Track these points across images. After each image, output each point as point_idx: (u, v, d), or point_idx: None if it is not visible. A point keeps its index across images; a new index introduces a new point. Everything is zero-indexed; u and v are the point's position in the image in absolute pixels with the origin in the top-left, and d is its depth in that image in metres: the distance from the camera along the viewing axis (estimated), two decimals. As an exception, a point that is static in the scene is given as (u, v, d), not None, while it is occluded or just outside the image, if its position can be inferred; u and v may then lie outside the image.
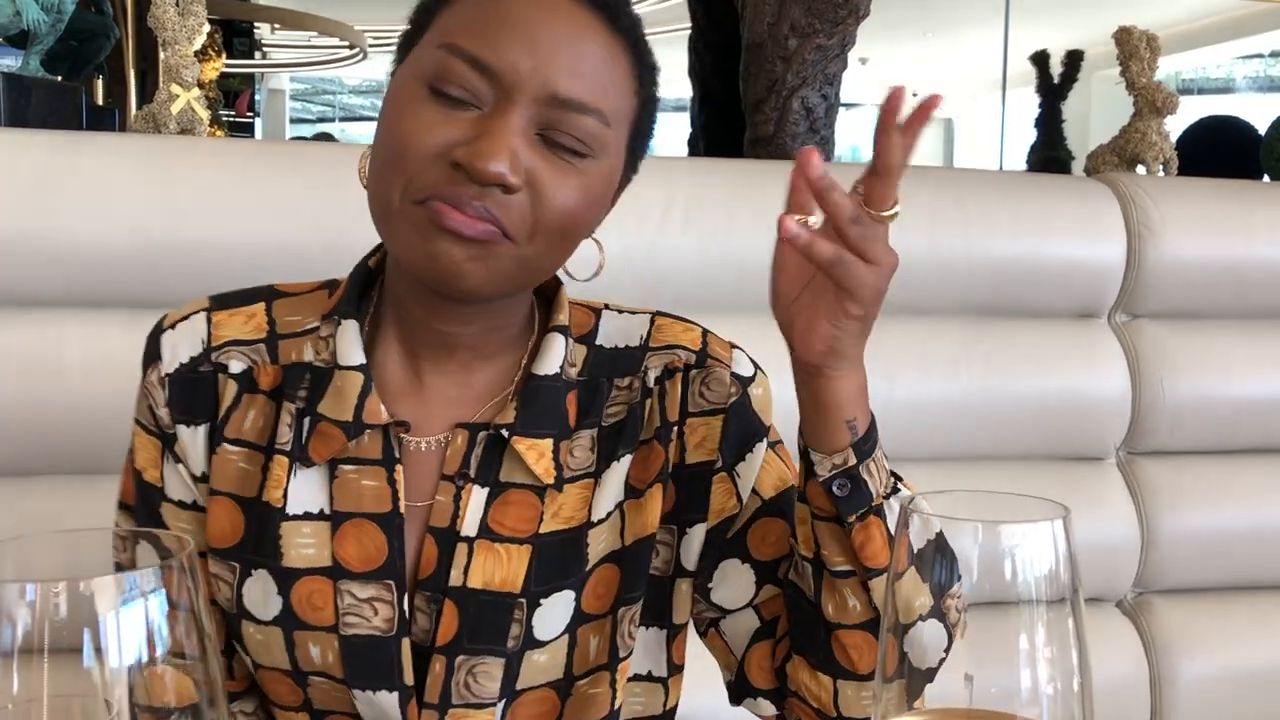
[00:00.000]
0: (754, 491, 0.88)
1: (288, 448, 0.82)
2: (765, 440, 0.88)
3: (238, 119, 9.29)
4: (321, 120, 17.56)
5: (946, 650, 0.55)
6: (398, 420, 0.83)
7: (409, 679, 0.82)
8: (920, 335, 1.54)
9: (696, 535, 0.88)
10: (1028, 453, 1.57)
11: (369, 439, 0.82)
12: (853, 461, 0.78)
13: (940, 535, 0.54)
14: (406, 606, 0.82)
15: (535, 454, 0.83)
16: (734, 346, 0.90)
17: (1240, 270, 1.64)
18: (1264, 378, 1.64)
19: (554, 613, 0.83)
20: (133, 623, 0.47)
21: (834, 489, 0.78)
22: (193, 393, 0.84)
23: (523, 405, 0.83)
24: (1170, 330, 1.64)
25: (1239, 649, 1.58)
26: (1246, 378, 1.63)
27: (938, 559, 0.53)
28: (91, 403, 1.26)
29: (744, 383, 0.88)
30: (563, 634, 0.84)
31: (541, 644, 0.83)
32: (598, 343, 0.89)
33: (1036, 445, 1.58)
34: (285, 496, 0.82)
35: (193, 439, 0.85)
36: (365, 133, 15.28)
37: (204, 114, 2.40)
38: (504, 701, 0.83)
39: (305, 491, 0.82)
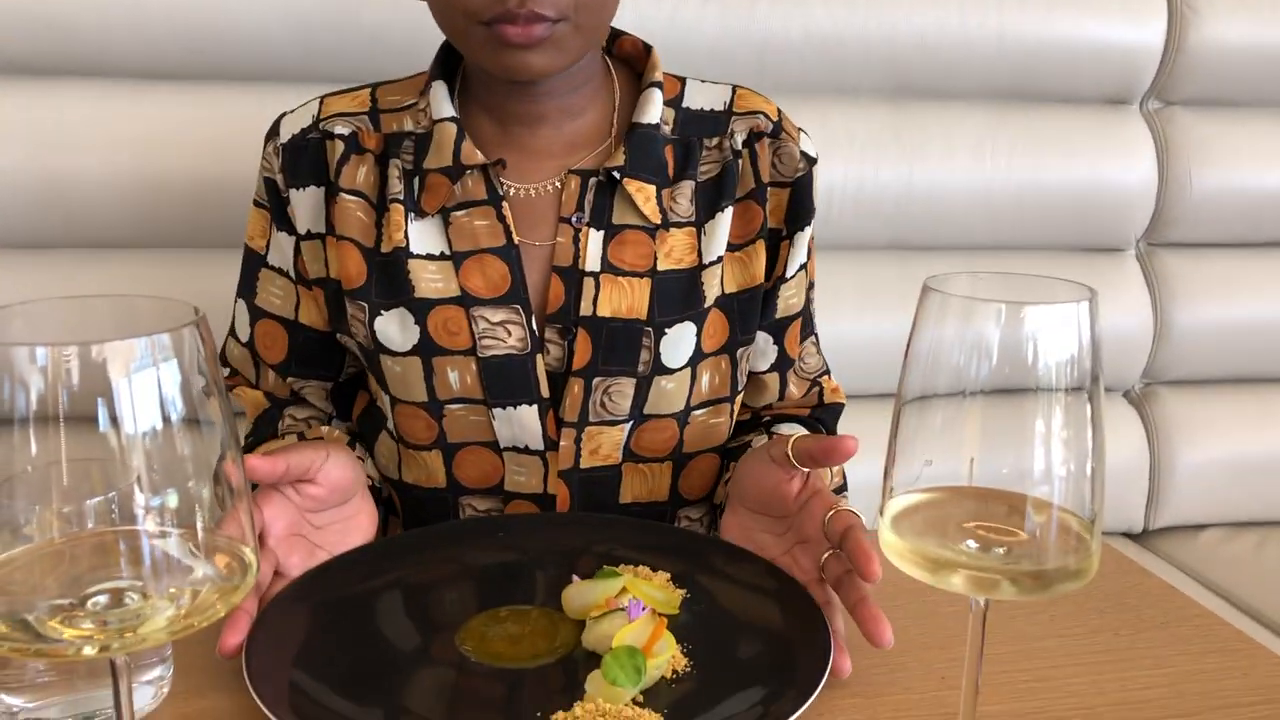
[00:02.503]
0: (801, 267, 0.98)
1: (400, 197, 0.90)
2: (811, 225, 0.98)
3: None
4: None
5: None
6: (495, 161, 0.90)
7: (546, 393, 0.90)
8: (944, 120, 1.49)
9: (762, 296, 0.98)
10: (1047, 242, 1.55)
11: (472, 183, 0.90)
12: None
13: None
14: (538, 331, 0.90)
15: (643, 196, 0.91)
16: (799, 129, 0.98)
17: (1285, 54, 1.57)
18: (1296, 170, 1.59)
19: (678, 342, 0.92)
20: (147, 388, 0.46)
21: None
22: (303, 157, 0.93)
23: (629, 150, 0.90)
24: (1204, 118, 1.58)
25: (1239, 438, 1.60)
26: (1278, 169, 1.59)
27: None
28: (102, 175, 1.24)
29: (810, 161, 0.96)
30: (686, 365, 0.92)
31: (669, 371, 0.92)
32: (684, 105, 0.96)
33: (1057, 235, 1.55)
34: (407, 238, 0.90)
35: (301, 200, 0.93)
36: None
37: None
38: (632, 423, 0.92)
39: (425, 237, 0.90)
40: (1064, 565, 0.52)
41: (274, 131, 0.95)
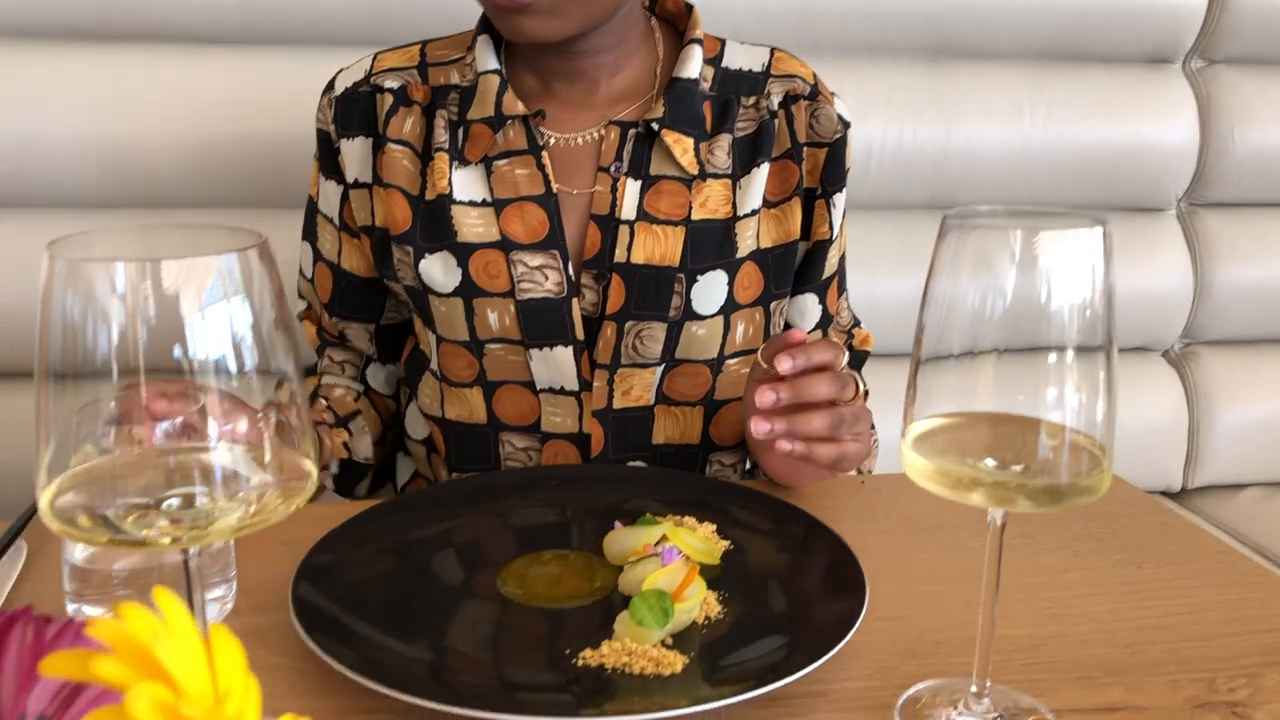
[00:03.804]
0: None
1: (445, 146, 0.95)
2: (845, 187, 1.01)
3: None
4: None
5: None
6: (535, 111, 0.94)
7: (580, 336, 0.94)
8: (983, 79, 1.50)
9: (798, 251, 1.02)
10: (1087, 202, 1.55)
11: (513, 133, 0.94)
12: None
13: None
14: (574, 277, 0.93)
15: (681, 148, 0.94)
16: (834, 93, 1.01)
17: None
18: (1341, 127, 1.58)
19: (710, 290, 0.95)
20: (216, 307, 0.50)
21: None
22: (354, 109, 0.98)
23: (669, 103, 0.94)
24: (1248, 77, 1.58)
25: (1278, 397, 1.60)
26: (1322, 127, 1.58)
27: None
28: (161, 138, 1.29)
29: (845, 125, 1.00)
30: (718, 313, 0.96)
31: (700, 317, 0.95)
32: (724, 65, 0.99)
33: (1096, 194, 1.55)
34: (451, 185, 0.94)
35: (351, 149, 0.98)
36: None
37: None
38: (663, 366, 0.96)
39: (468, 184, 0.94)
40: (1076, 480, 0.55)
41: (330, 85, 1.00)
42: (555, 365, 0.94)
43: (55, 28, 1.29)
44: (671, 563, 0.70)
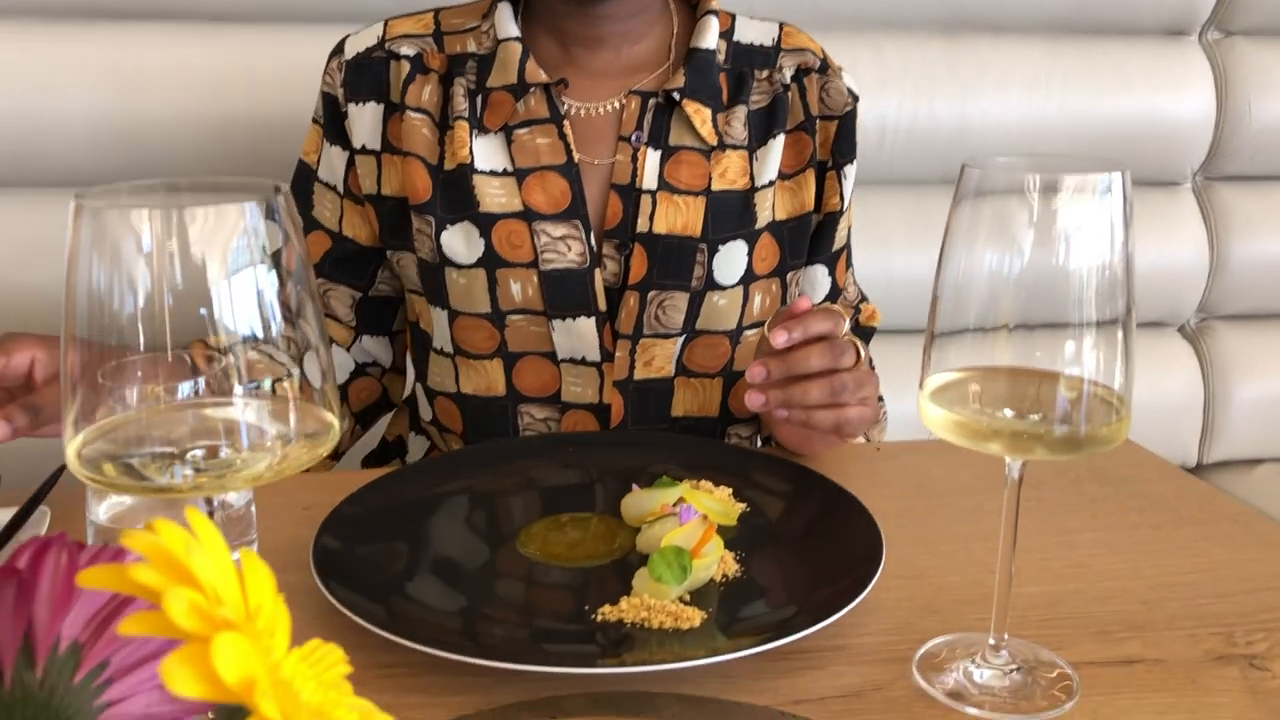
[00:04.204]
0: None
1: (465, 114, 0.94)
2: (855, 160, 1.02)
3: None
4: None
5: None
6: (557, 80, 0.94)
7: (603, 306, 0.94)
8: (998, 53, 1.49)
9: (811, 223, 1.02)
10: (1102, 176, 1.55)
11: (535, 101, 0.95)
12: None
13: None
14: (596, 247, 0.93)
15: (700, 119, 0.95)
16: (842, 67, 1.02)
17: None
18: (1359, 100, 1.57)
19: (731, 260, 0.96)
20: (240, 261, 0.50)
21: None
22: (365, 75, 0.97)
23: (689, 73, 0.95)
24: (1266, 48, 1.57)
25: (1297, 372, 1.60)
26: (1340, 100, 1.57)
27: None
28: (175, 114, 1.30)
29: (854, 97, 1.01)
30: (738, 283, 0.96)
31: (721, 288, 0.96)
32: (735, 39, 1.00)
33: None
34: (472, 154, 0.94)
35: (360, 115, 0.97)
36: None
37: None
38: (684, 337, 0.96)
39: (489, 154, 0.94)
40: (1094, 429, 0.55)
41: (338, 49, 0.99)
42: (578, 335, 0.95)
43: (66, 6, 1.29)
44: (689, 521, 0.70)
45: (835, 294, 1.07)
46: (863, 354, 0.85)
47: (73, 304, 0.49)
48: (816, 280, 1.05)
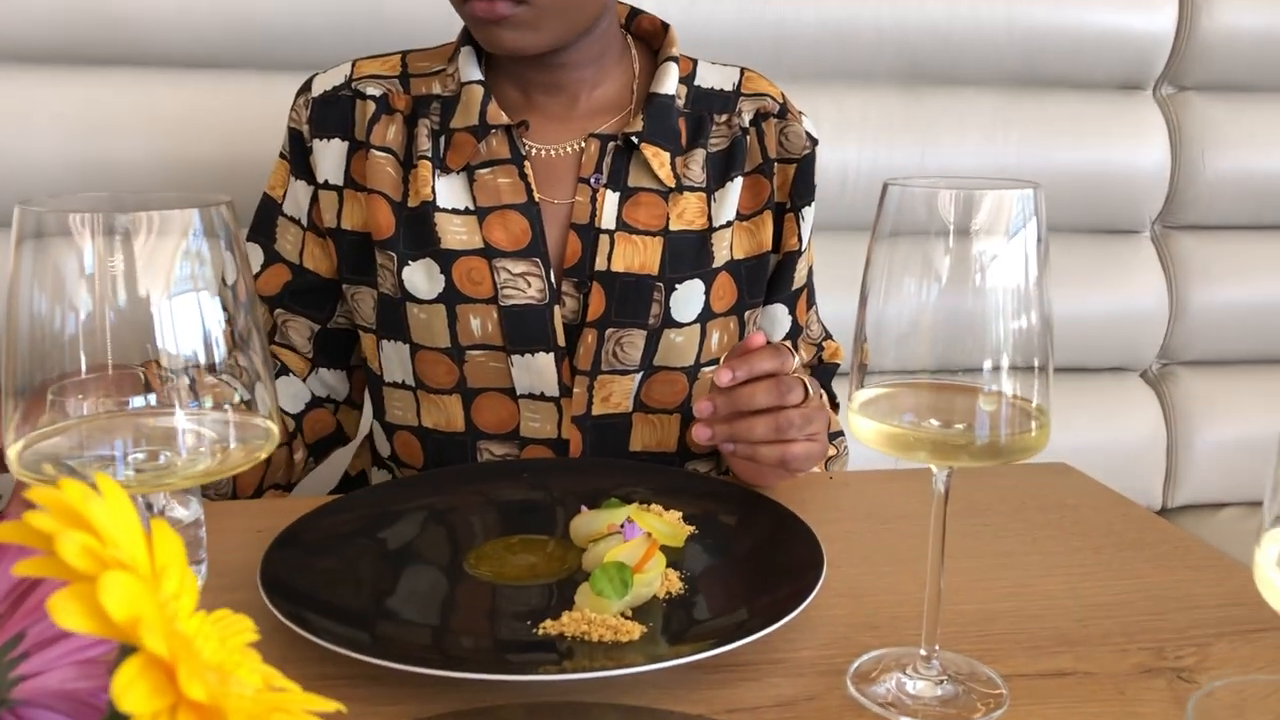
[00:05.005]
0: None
1: (429, 154, 0.97)
2: (813, 201, 1.04)
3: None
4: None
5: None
6: (518, 122, 0.98)
7: (562, 342, 0.96)
8: (956, 105, 1.53)
9: (770, 263, 1.05)
10: (1061, 224, 1.58)
11: (496, 142, 0.97)
12: None
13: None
14: (555, 284, 0.96)
15: (658, 161, 0.98)
16: (801, 112, 1.05)
17: (1295, 40, 1.60)
18: (1309, 152, 1.62)
19: (688, 298, 0.98)
20: (181, 268, 0.52)
21: None
22: (331, 112, 1.00)
23: (648, 118, 0.98)
24: (1217, 103, 1.61)
25: (1256, 417, 1.62)
26: (1291, 152, 1.61)
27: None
28: (145, 158, 1.32)
29: (813, 141, 1.04)
30: (695, 321, 0.99)
31: (679, 325, 0.98)
32: (696, 84, 1.03)
33: (1071, 217, 1.58)
34: (434, 193, 0.96)
35: (325, 150, 1.00)
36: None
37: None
38: (642, 373, 0.98)
39: (451, 192, 0.97)
40: (1014, 437, 0.56)
41: (305, 87, 1.02)
42: (537, 371, 0.96)
43: (41, 52, 1.32)
44: (633, 539, 0.71)
45: (796, 332, 1.09)
46: (811, 391, 0.86)
47: (15, 321, 0.51)
48: (777, 318, 1.07)
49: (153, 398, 0.54)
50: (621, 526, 0.73)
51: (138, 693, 0.26)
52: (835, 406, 1.13)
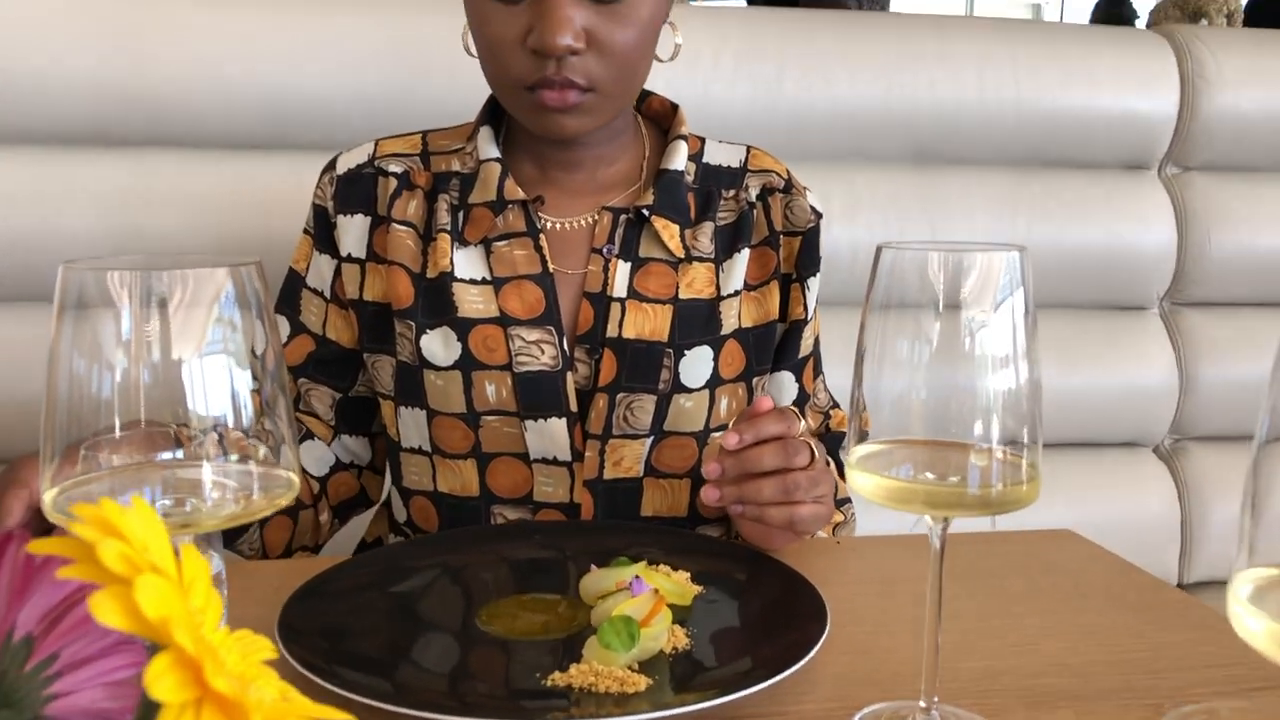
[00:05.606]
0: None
1: (448, 228, 1.01)
2: (819, 274, 1.08)
3: None
4: None
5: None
6: (534, 197, 1.02)
7: (574, 407, 0.99)
8: (966, 184, 1.57)
9: (777, 331, 1.09)
10: (1070, 300, 1.61)
11: (512, 216, 1.02)
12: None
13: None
14: (568, 351, 0.99)
15: (669, 233, 1.02)
16: (805, 187, 1.10)
17: (1295, 122, 1.64)
18: (1314, 230, 1.64)
19: (696, 364, 1.01)
20: (213, 326, 0.55)
21: None
22: (355, 188, 1.05)
23: (658, 192, 1.02)
24: (1221, 183, 1.65)
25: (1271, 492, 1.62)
26: (1296, 230, 1.64)
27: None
28: (185, 235, 1.37)
29: (818, 215, 1.08)
30: (704, 387, 1.01)
31: (688, 390, 1.01)
32: (704, 160, 1.08)
33: (1080, 294, 1.61)
34: (452, 264, 1.00)
35: (349, 225, 1.04)
36: None
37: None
38: (652, 438, 1.01)
39: (469, 264, 1.01)
40: (1006, 490, 0.58)
41: (330, 165, 1.06)
42: (549, 436, 0.99)
43: (79, 133, 1.38)
44: (640, 594, 0.73)
45: (803, 399, 1.11)
46: (817, 455, 0.89)
47: (54, 382, 0.54)
48: (783, 385, 1.10)
49: (181, 453, 0.57)
50: (630, 583, 0.75)
51: (168, 683, 0.28)
52: (843, 474, 1.15)
